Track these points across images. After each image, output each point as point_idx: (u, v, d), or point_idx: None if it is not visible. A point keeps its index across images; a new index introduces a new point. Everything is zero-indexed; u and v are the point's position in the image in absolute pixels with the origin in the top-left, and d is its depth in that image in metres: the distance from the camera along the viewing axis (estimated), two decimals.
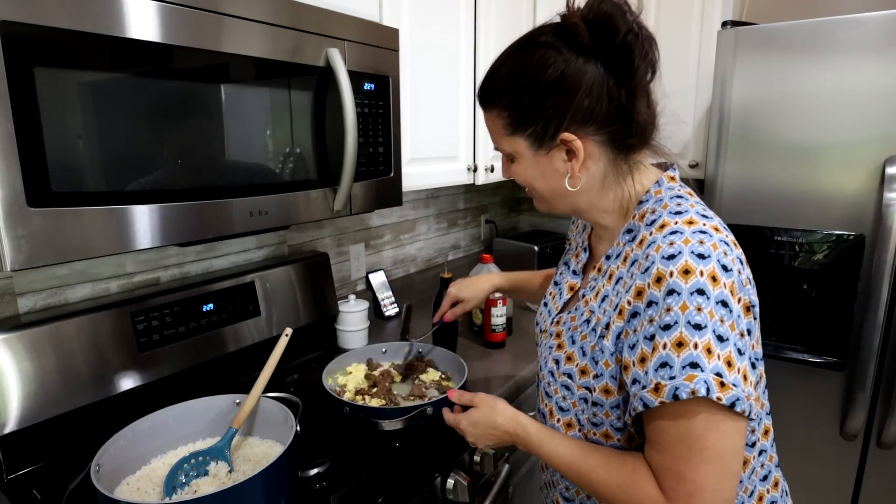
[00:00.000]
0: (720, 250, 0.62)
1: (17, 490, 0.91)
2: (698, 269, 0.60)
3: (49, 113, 0.67)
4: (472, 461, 1.14)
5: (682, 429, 0.61)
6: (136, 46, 0.75)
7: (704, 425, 0.60)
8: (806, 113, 1.47)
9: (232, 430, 0.90)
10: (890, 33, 1.34)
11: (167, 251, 1.23)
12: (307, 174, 1.03)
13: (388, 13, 1.27)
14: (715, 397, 0.58)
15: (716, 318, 0.59)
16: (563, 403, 0.77)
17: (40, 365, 0.94)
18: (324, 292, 1.49)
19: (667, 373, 0.60)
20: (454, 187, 2.18)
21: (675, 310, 0.60)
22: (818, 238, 1.49)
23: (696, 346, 0.59)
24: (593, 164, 0.71)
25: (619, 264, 0.72)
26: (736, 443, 0.61)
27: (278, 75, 0.95)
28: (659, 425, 0.63)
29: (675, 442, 0.62)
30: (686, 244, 0.62)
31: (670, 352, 0.60)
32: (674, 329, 0.60)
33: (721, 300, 0.60)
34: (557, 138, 0.69)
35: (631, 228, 0.73)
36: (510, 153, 0.75)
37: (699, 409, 0.60)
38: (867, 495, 1.54)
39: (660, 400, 0.60)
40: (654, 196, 0.72)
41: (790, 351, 1.57)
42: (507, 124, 0.72)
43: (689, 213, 0.67)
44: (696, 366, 0.59)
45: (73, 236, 0.72)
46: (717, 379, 0.58)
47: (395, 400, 1.12)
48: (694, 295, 0.59)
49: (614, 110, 0.68)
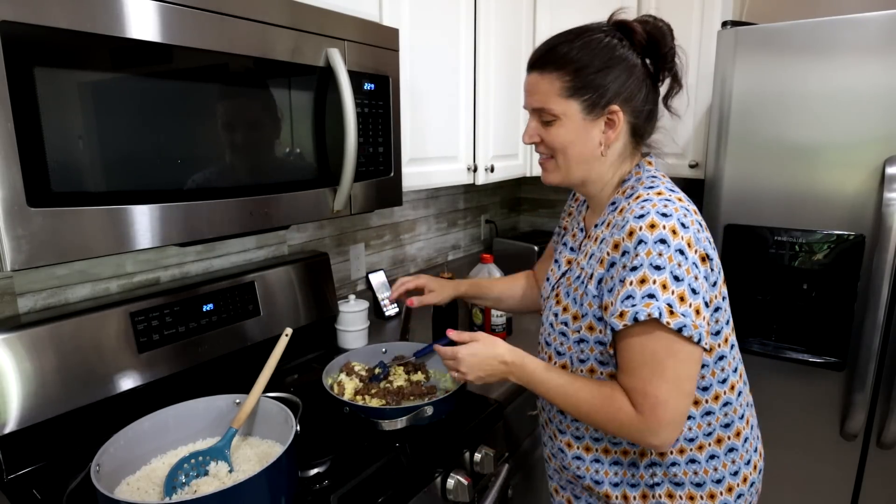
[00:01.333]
0: (680, 212, 0.77)
1: (17, 490, 0.91)
2: (661, 224, 0.75)
3: (49, 113, 0.67)
4: (473, 461, 1.14)
5: (646, 353, 0.76)
6: (136, 46, 0.75)
7: (663, 351, 0.75)
8: (806, 113, 1.47)
9: (232, 430, 0.90)
10: (890, 33, 1.34)
11: (167, 251, 1.23)
12: (307, 174, 1.03)
13: (388, 13, 1.27)
14: (665, 321, 0.73)
15: (674, 262, 0.74)
16: (560, 348, 0.92)
17: (40, 365, 0.94)
18: (324, 292, 1.49)
19: (630, 302, 0.75)
20: (454, 187, 2.18)
21: (641, 255, 0.75)
22: (818, 238, 1.49)
23: (655, 282, 0.74)
24: (618, 140, 0.87)
25: (604, 229, 0.87)
26: (690, 368, 0.77)
27: (278, 75, 0.95)
28: (625, 348, 0.78)
29: (639, 366, 0.77)
30: (653, 207, 0.77)
31: (635, 287, 0.75)
32: (639, 270, 0.75)
33: (679, 249, 0.75)
34: (608, 108, 0.84)
35: (615, 201, 0.89)
36: (557, 114, 0.85)
37: (656, 332, 0.75)
38: (867, 495, 1.54)
39: (623, 323, 0.75)
40: (635, 176, 0.89)
41: (790, 351, 1.57)
42: (568, 87, 0.83)
43: (660, 187, 0.83)
44: (653, 296, 0.74)
45: (73, 236, 0.72)
46: (668, 308, 0.73)
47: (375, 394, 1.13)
48: (657, 243, 0.75)
49: (645, 100, 0.86)
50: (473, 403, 1.21)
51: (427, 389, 1.17)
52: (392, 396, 1.12)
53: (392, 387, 1.16)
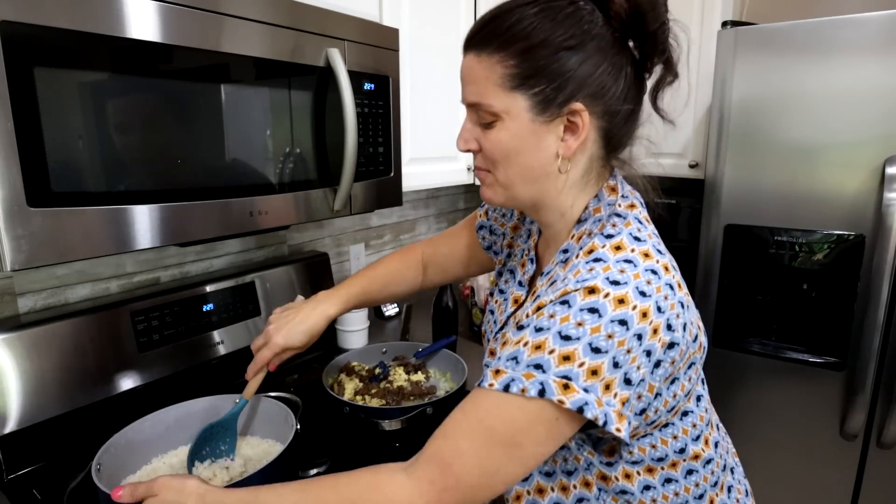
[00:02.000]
0: (642, 279, 0.57)
1: (17, 490, 0.91)
2: (603, 292, 0.55)
3: (49, 113, 0.67)
4: None
5: (488, 421, 0.57)
6: (136, 46, 0.75)
7: (521, 423, 0.56)
8: (806, 113, 1.47)
9: (243, 400, 0.89)
10: (890, 33, 1.34)
11: (167, 251, 1.23)
12: (307, 174, 1.03)
13: (388, 13, 1.27)
14: (555, 399, 0.54)
15: (600, 333, 0.54)
16: None
17: (40, 365, 0.94)
18: None
19: (511, 364, 0.57)
20: (454, 187, 2.18)
21: (556, 317, 0.56)
22: (818, 238, 1.49)
23: (553, 351, 0.55)
24: (581, 151, 0.64)
25: (545, 282, 0.67)
26: (548, 447, 0.58)
27: (278, 75, 0.95)
28: (464, 408, 0.59)
29: (466, 431, 0.58)
30: (604, 271, 0.57)
31: (525, 350, 0.56)
32: (542, 333, 0.56)
33: (621, 320, 0.54)
34: (567, 106, 0.61)
35: (567, 249, 0.67)
36: (498, 112, 0.62)
37: (528, 404, 0.55)
38: (867, 495, 1.54)
39: (490, 382, 0.57)
40: (593, 215, 0.67)
41: (790, 351, 1.57)
42: (511, 76, 0.61)
43: (621, 235, 0.62)
44: (540, 367, 0.55)
45: (73, 236, 0.72)
46: (560, 383, 0.54)
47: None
48: (583, 311, 0.55)
49: (622, 96, 0.62)
50: None
51: (427, 389, 1.17)
52: (392, 396, 1.12)
53: (392, 387, 1.16)
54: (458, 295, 1.90)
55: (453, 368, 1.24)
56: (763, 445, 1.66)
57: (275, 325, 0.90)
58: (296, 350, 0.91)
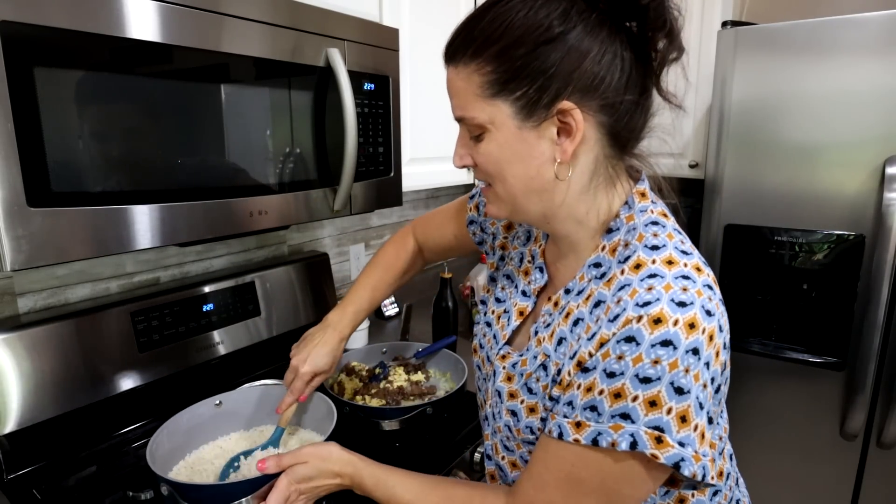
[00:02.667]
0: (704, 296, 0.54)
1: (17, 490, 0.91)
2: (672, 319, 0.51)
3: (49, 113, 0.67)
4: (472, 461, 1.14)
5: (587, 475, 0.55)
6: (136, 46, 0.75)
7: (614, 478, 0.54)
8: (806, 113, 1.47)
9: (279, 429, 0.91)
10: (890, 33, 1.34)
11: (167, 251, 1.23)
12: (307, 174, 1.03)
13: (388, 13, 1.27)
14: (648, 453, 0.51)
15: (679, 368, 0.51)
16: (527, 456, 0.68)
17: (40, 365, 0.94)
18: (324, 292, 1.49)
19: (594, 416, 0.54)
20: (454, 187, 2.18)
21: (626, 359, 0.52)
22: (818, 238, 1.49)
23: (637, 398, 0.52)
24: (584, 152, 0.58)
25: (581, 303, 0.62)
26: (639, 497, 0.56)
27: (278, 75, 0.95)
28: (553, 457, 0.57)
29: (558, 483, 0.57)
30: (666, 291, 0.53)
31: (605, 398, 0.53)
32: (616, 379, 0.52)
33: (693, 348, 0.51)
34: (554, 106, 0.55)
35: (599, 262, 0.62)
36: (483, 123, 0.59)
37: (620, 458, 0.53)
38: (867, 495, 1.54)
39: (575, 437, 0.54)
40: (626, 223, 0.61)
41: (790, 351, 1.57)
42: (489, 83, 0.56)
43: (668, 248, 0.57)
44: (627, 417, 0.52)
45: (73, 236, 0.71)
46: (652, 434, 0.51)
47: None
48: (656, 347, 0.51)
49: (625, 86, 0.56)
50: (473, 403, 1.21)
51: (427, 389, 1.17)
52: (392, 396, 1.12)
53: (392, 387, 1.16)
54: (458, 295, 1.90)
55: (453, 368, 1.24)
56: (763, 445, 1.66)
57: (298, 357, 0.94)
58: (324, 374, 0.95)
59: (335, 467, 0.71)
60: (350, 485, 0.72)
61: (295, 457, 0.71)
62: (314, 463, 0.71)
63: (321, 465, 0.71)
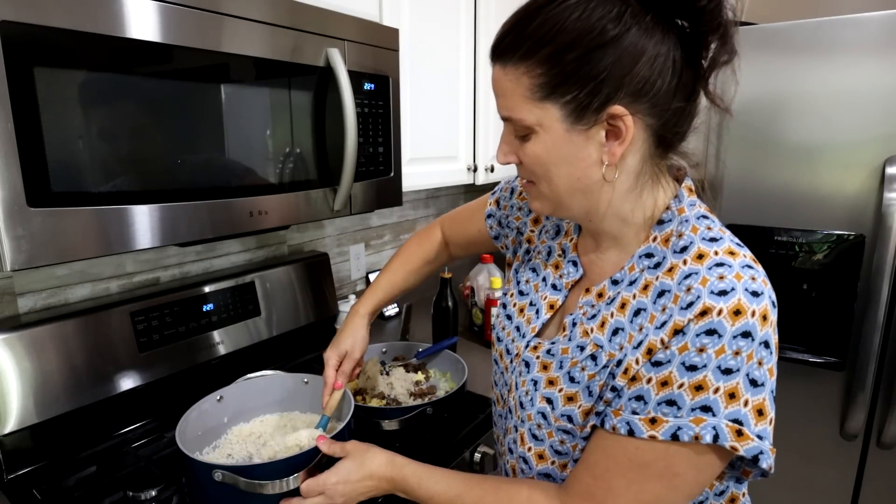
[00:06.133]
0: (769, 287, 0.55)
1: (17, 490, 0.91)
2: (750, 309, 0.52)
3: (49, 113, 0.67)
4: (472, 461, 1.14)
5: (650, 463, 0.55)
6: (136, 46, 0.75)
7: (679, 465, 0.55)
8: (806, 113, 1.46)
9: (325, 417, 0.94)
10: (890, 33, 1.34)
11: (167, 251, 1.23)
12: (307, 174, 1.03)
13: (388, 13, 1.27)
14: (728, 445, 0.52)
15: (754, 360, 0.53)
16: (561, 448, 0.67)
17: (40, 365, 0.94)
18: (324, 292, 1.49)
19: (672, 410, 0.54)
20: (454, 187, 2.18)
21: (709, 351, 0.52)
22: (818, 238, 1.49)
23: (718, 390, 0.52)
24: (631, 154, 0.59)
25: (638, 292, 0.61)
26: (696, 487, 0.56)
27: (278, 75, 0.95)
28: (614, 451, 0.57)
29: (618, 473, 0.56)
30: (738, 280, 0.53)
31: (685, 392, 0.53)
32: (698, 371, 0.53)
33: (765, 341, 0.53)
34: (605, 111, 0.55)
35: (651, 253, 0.62)
36: (531, 125, 0.58)
37: (687, 448, 0.54)
38: (867, 495, 1.54)
39: (651, 434, 0.54)
40: (678, 215, 0.62)
41: (790, 351, 1.57)
42: (540, 85, 0.56)
43: (725, 241, 0.58)
44: (709, 410, 0.52)
45: (73, 236, 0.72)
46: (733, 427, 0.52)
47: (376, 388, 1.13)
48: (737, 339, 0.52)
49: (675, 90, 0.56)
50: (473, 403, 1.21)
51: (427, 389, 1.17)
52: (392, 397, 1.12)
53: (392, 387, 1.16)
54: (458, 295, 1.90)
55: (453, 368, 1.24)
56: None
57: (341, 357, 0.95)
58: (352, 358, 0.95)
59: (373, 464, 0.72)
60: (389, 485, 0.72)
61: (342, 448, 0.75)
62: (355, 456, 0.73)
63: (361, 459, 0.73)
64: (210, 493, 0.74)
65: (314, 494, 0.72)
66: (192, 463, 0.75)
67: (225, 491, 0.73)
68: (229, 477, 0.72)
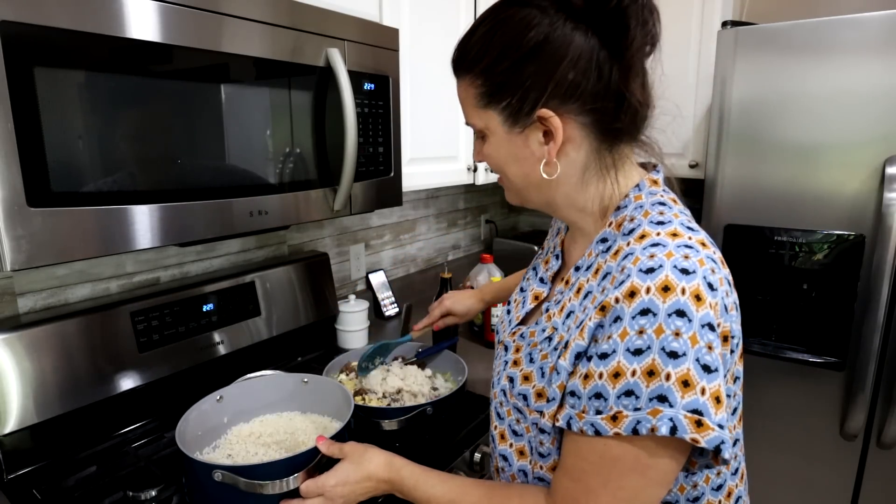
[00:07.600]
0: (706, 266, 0.54)
1: (17, 490, 0.91)
2: (679, 286, 0.52)
3: (49, 113, 0.67)
4: (472, 461, 1.14)
5: (607, 460, 0.55)
6: (136, 46, 0.75)
7: (631, 463, 0.55)
8: (806, 113, 1.47)
9: (408, 336, 1.09)
10: (890, 33, 1.34)
11: (167, 251, 1.23)
12: (307, 174, 1.03)
13: (388, 13, 1.27)
14: (688, 437, 0.51)
15: (700, 343, 0.52)
16: (516, 426, 0.69)
17: (40, 365, 0.94)
18: (324, 292, 1.49)
19: (631, 402, 0.53)
20: (454, 187, 2.18)
21: (648, 332, 0.52)
22: (818, 238, 1.49)
23: (670, 377, 0.51)
24: (574, 149, 0.62)
25: (590, 277, 0.63)
26: (660, 488, 0.56)
27: (278, 75, 0.95)
28: (578, 451, 0.58)
29: (588, 473, 0.57)
30: (668, 258, 0.54)
31: (639, 379, 0.52)
32: (644, 355, 0.52)
33: (707, 323, 0.52)
34: (534, 114, 0.60)
35: (606, 237, 0.64)
36: (482, 129, 0.67)
37: (637, 441, 0.54)
38: (867, 495, 1.54)
39: (615, 430, 0.53)
40: (634, 202, 0.64)
41: (790, 351, 1.57)
42: (481, 94, 0.64)
43: (674, 223, 0.59)
44: (666, 400, 0.51)
45: (73, 236, 0.72)
46: (692, 418, 0.51)
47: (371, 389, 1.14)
48: (672, 317, 0.51)
49: (603, 88, 0.59)
50: (473, 403, 1.21)
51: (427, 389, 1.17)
52: (392, 396, 1.12)
53: (392, 387, 1.16)
54: None
55: (453, 368, 1.24)
56: (763, 445, 1.66)
57: (449, 298, 1.18)
58: (456, 318, 1.16)
59: (371, 465, 0.74)
60: (388, 487, 0.74)
61: (340, 449, 0.77)
62: (352, 458, 0.75)
63: (359, 460, 0.75)
64: (210, 493, 0.74)
65: (313, 496, 0.73)
66: (192, 463, 0.75)
67: (225, 491, 0.73)
68: (229, 477, 0.72)
